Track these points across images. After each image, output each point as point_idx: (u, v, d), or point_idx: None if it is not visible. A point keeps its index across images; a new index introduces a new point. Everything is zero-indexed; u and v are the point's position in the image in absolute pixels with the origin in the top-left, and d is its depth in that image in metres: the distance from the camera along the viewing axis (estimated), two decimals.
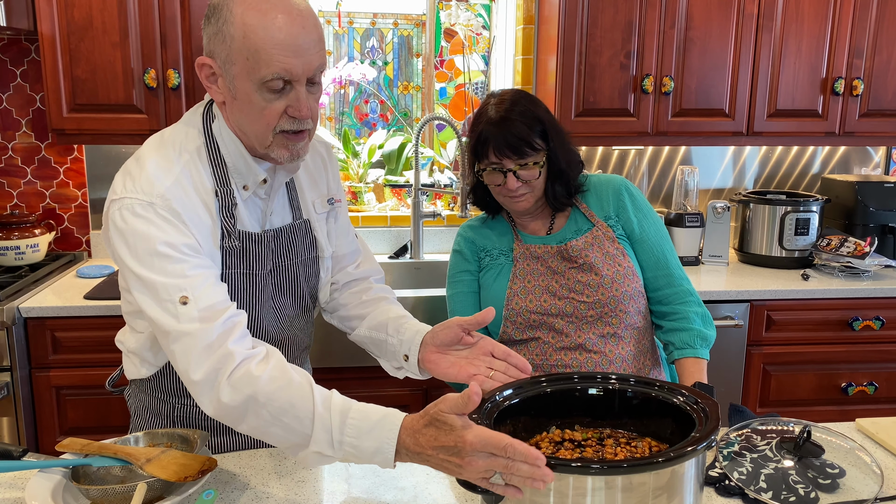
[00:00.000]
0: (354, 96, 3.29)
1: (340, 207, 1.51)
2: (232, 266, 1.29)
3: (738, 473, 1.27)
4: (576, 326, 1.57)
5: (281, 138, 1.23)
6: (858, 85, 2.72)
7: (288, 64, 1.15)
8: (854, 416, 2.62)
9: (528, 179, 1.56)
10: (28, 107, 2.74)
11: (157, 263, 1.17)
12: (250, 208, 1.32)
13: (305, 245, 1.42)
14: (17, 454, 1.20)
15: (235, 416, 1.12)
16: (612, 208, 1.65)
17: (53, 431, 2.32)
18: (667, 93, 2.65)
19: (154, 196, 1.19)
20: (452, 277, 1.71)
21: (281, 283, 1.40)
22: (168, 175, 1.22)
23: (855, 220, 2.87)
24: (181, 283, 1.16)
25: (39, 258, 2.63)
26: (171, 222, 1.19)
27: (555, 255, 1.60)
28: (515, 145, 1.52)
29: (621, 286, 1.57)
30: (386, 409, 1.10)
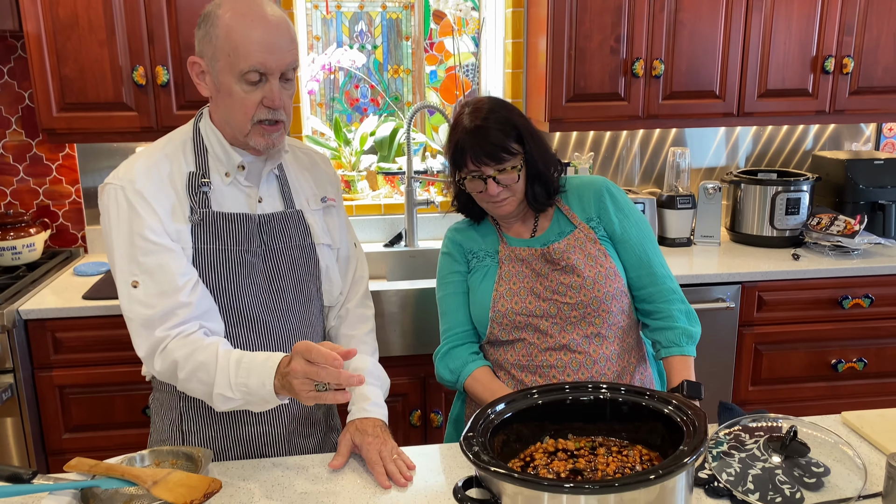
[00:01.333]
0: (344, 81, 3.28)
1: (336, 208, 1.64)
2: (207, 242, 1.43)
3: (726, 474, 1.31)
4: (560, 327, 1.60)
5: (258, 128, 1.41)
6: (848, 63, 2.72)
7: (263, 58, 1.35)
8: (844, 391, 2.69)
9: (508, 184, 1.58)
10: (17, 104, 2.72)
11: (122, 247, 1.39)
12: (235, 194, 1.48)
13: (300, 232, 1.53)
14: (26, 477, 1.24)
15: (171, 378, 1.39)
16: (594, 210, 1.67)
17: (59, 430, 2.37)
18: (657, 76, 2.65)
19: (125, 181, 1.40)
20: (443, 279, 1.73)
21: (277, 266, 1.50)
22: (145, 162, 1.43)
23: (845, 197, 2.89)
24: (134, 269, 1.38)
25: (36, 257, 2.64)
26: (134, 206, 1.38)
27: (538, 258, 1.63)
28: (492, 152, 1.55)
29: (603, 287, 1.60)
30: (270, 354, 1.31)
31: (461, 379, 1.65)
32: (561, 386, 1.27)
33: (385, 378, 1.61)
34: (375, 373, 1.58)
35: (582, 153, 3.05)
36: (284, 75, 1.39)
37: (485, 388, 1.61)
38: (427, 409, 2.51)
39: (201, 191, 1.44)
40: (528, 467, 1.19)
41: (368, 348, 1.63)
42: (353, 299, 1.66)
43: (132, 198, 1.39)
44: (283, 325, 1.51)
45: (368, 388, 1.53)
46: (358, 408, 1.50)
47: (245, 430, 1.52)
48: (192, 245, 1.43)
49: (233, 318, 1.47)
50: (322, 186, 1.62)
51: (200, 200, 1.43)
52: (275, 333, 1.50)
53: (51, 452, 2.39)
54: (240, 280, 1.46)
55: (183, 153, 1.46)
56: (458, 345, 1.68)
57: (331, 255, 1.60)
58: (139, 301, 1.38)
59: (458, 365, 1.66)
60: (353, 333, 1.63)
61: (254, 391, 1.29)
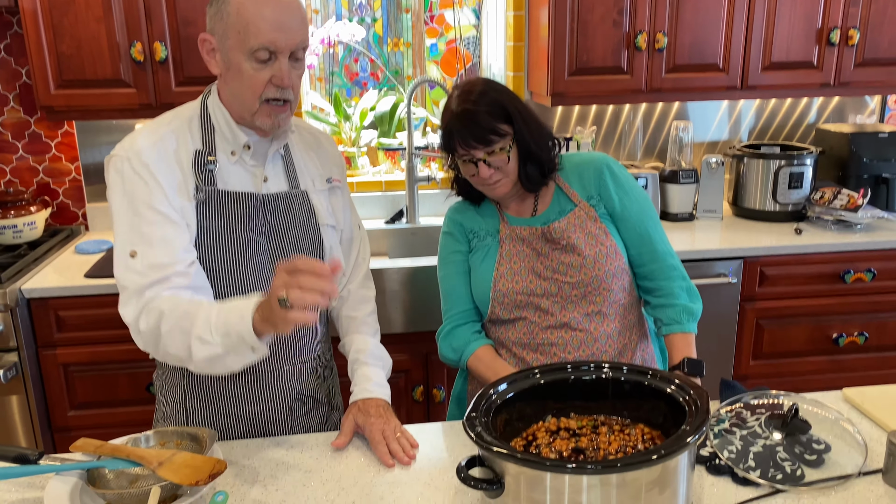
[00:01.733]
0: (343, 55, 3.25)
1: (340, 189, 1.64)
2: (211, 220, 1.43)
3: (727, 452, 1.32)
4: (561, 306, 1.61)
5: (266, 107, 1.40)
6: (854, 34, 2.68)
7: (273, 37, 1.34)
8: (845, 365, 2.70)
9: (499, 165, 1.57)
10: (14, 81, 2.70)
11: (125, 217, 1.38)
12: (240, 173, 1.48)
13: (304, 212, 1.53)
14: (33, 458, 1.25)
15: (154, 338, 1.33)
16: (594, 187, 1.66)
17: (64, 407, 2.38)
18: (660, 49, 2.62)
19: (131, 152, 1.39)
20: (444, 259, 1.73)
21: (281, 246, 1.50)
22: (151, 136, 1.42)
23: (849, 171, 2.87)
24: (134, 239, 1.37)
25: (37, 235, 2.64)
26: (139, 176, 1.38)
27: (539, 237, 1.63)
28: (479, 135, 1.54)
29: (604, 265, 1.59)
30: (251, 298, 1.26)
31: (464, 358, 1.66)
32: (563, 365, 1.28)
33: (387, 358, 1.61)
34: (377, 353, 1.58)
35: (584, 127, 3.03)
36: (294, 55, 1.39)
37: (487, 367, 1.61)
38: (429, 384, 2.52)
39: (207, 169, 1.43)
40: (531, 446, 1.20)
41: (370, 329, 1.64)
42: (355, 280, 1.67)
43: (139, 169, 1.38)
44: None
45: (370, 369, 1.53)
46: (360, 388, 1.51)
47: (247, 408, 1.53)
48: (195, 222, 1.42)
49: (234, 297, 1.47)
50: (327, 167, 1.61)
51: (206, 178, 1.43)
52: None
53: (56, 430, 2.41)
54: (243, 259, 1.46)
55: (189, 130, 1.45)
56: (461, 324, 1.69)
57: (335, 236, 1.60)
58: (136, 270, 1.35)
59: (460, 344, 1.67)
60: (354, 315, 1.63)
61: (232, 328, 1.23)
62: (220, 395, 1.52)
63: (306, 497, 1.25)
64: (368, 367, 1.54)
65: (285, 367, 1.54)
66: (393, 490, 1.27)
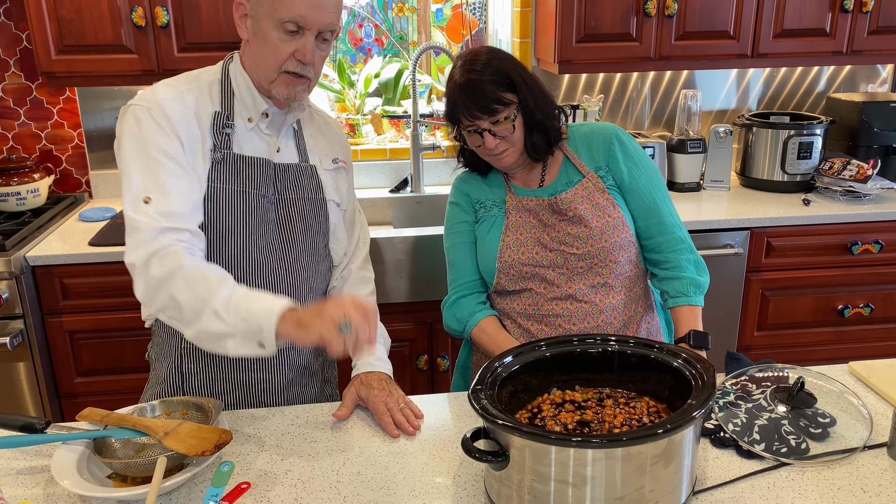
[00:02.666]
0: (348, 21, 3.20)
1: (347, 170, 1.66)
2: (224, 181, 1.43)
3: (732, 425, 1.32)
4: (567, 277, 1.60)
5: (285, 77, 1.42)
6: (869, 1, 2.63)
7: (304, 12, 1.35)
8: (849, 336, 2.70)
9: (504, 135, 1.55)
10: (14, 46, 2.67)
11: (139, 161, 1.35)
12: (255, 140, 1.49)
13: (312, 186, 1.55)
14: (40, 427, 1.25)
15: (161, 286, 1.27)
16: (603, 158, 1.64)
17: (71, 374, 2.40)
18: (670, 16, 2.57)
19: (152, 103, 1.39)
20: (451, 229, 1.72)
21: (289, 215, 1.51)
22: (171, 91, 1.43)
23: (859, 141, 2.84)
24: (150, 185, 1.34)
25: (41, 202, 2.63)
26: (160, 126, 1.37)
27: (546, 208, 1.61)
28: (483, 104, 1.52)
29: (611, 237, 1.58)
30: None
31: (468, 328, 1.66)
32: (569, 338, 1.27)
33: (386, 336, 1.64)
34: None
35: (591, 96, 2.99)
36: (321, 35, 1.40)
37: (490, 340, 1.61)
38: (434, 353, 2.53)
39: (224, 132, 1.45)
40: (536, 418, 1.20)
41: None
42: (356, 261, 1.68)
43: (159, 119, 1.37)
44: (291, 274, 1.51)
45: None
46: (363, 362, 1.51)
47: (246, 375, 1.53)
48: (206, 183, 1.42)
49: (242, 263, 1.47)
50: (334, 148, 1.63)
51: (223, 141, 1.45)
52: (282, 282, 1.50)
53: (63, 396, 2.43)
54: (253, 224, 1.46)
55: (209, 93, 1.47)
56: (466, 294, 1.68)
57: (339, 213, 1.61)
58: (149, 215, 1.31)
59: (465, 315, 1.66)
60: (355, 292, 1.63)
61: (253, 317, 1.20)
62: (220, 361, 1.51)
63: (312, 467, 1.26)
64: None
65: None
66: (398, 460, 1.28)
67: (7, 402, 2.34)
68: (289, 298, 1.25)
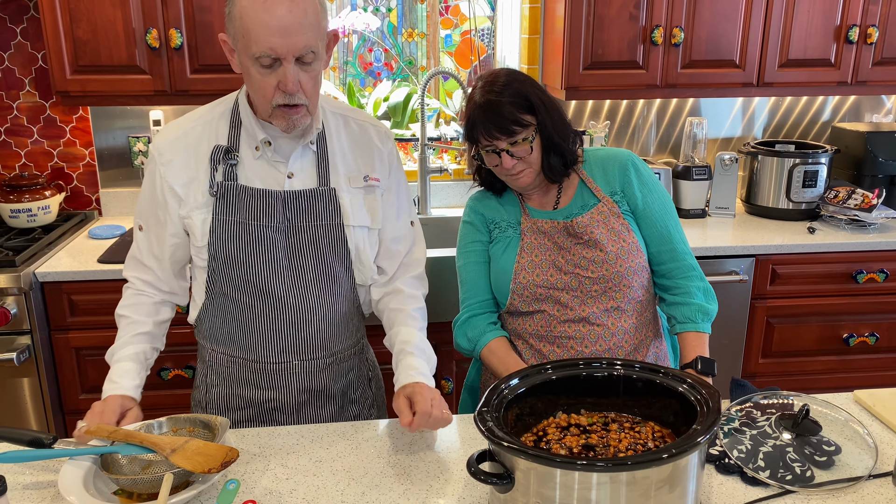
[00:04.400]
0: (358, 45, 3.24)
1: (381, 189, 1.57)
2: (227, 213, 1.46)
3: (737, 451, 1.32)
4: (580, 300, 1.61)
5: (279, 110, 1.38)
6: (873, 32, 2.66)
7: (272, 43, 1.30)
8: (854, 365, 2.69)
9: (522, 156, 1.57)
10: (30, 65, 2.71)
11: (143, 197, 1.53)
12: (264, 168, 1.47)
13: (329, 211, 1.50)
14: (47, 442, 1.26)
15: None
16: (618, 183, 1.66)
17: (76, 390, 2.40)
18: (676, 44, 2.60)
19: (156, 148, 1.49)
20: (464, 248, 1.73)
21: (301, 243, 1.49)
22: (177, 129, 1.50)
23: (864, 170, 2.85)
24: (142, 217, 1.54)
25: (51, 219, 2.65)
26: (156, 173, 1.48)
27: (561, 231, 1.62)
28: (502, 125, 1.53)
29: (625, 262, 1.59)
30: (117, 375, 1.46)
31: (478, 348, 1.67)
32: (575, 361, 1.28)
33: (431, 353, 1.54)
34: (422, 346, 1.53)
35: (598, 122, 3.02)
36: (301, 59, 1.34)
37: (500, 362, 1.61)
38: (438, 375, 2.53)
39: (228, 163, 1.45)
40: (541, 442, 1.21)
41: (417, 322, 1.57)
42: (403, 277, 1.61)
43: (160, 162, 1.47)
44: (300, 301, 1.50)
45: (416, 360, 1.48)
46: (405, 374, 1.45)
47: (259, 393, 1.56)
48: (212, 215, 1.45)
49: (248, 291, 1.49)
50: (369, 163, 1.55)
51: (227, 173, 1.45)
52: (292, 308, 1.50)
53: (68, 412, 2.43)
54: (257, 255, 1.46)
55: (217, 125, 1.48)
56: (478, 314, 1.69)
57: (366, 236, 1.54)
58: (141, 240, 1.55)
59: (475, 334, 1.67)
60: (402, 307, 1.58)
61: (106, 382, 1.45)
62: (237, 377, 1.56)
63: (317, 486, 1.26)
64: (414, 357, 1.49)
65: (294, 361, 1.55)
66: (403, 481, 1.28)
67: (11, 417, 2.35)
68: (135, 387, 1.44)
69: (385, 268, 1.61)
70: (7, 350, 2.26)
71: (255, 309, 1.50)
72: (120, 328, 1.54)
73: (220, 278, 1.49)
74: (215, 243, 1.46)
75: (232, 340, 1.55)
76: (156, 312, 1.56)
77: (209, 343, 1.59)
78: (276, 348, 1.53)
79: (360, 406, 1.68)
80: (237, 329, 1.53)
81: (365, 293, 1.61)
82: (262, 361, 1.54)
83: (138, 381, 1.45)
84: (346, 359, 1.62)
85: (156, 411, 1.47)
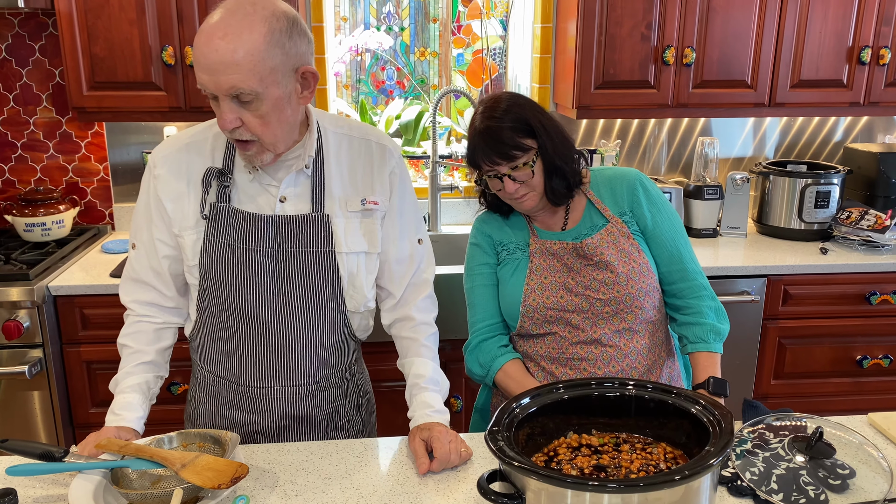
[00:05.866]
0: (371, 63, 3.27)
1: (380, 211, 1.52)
2: (218, 235, 1.45)
3: (749, 473, 1.30)
4: (591, 322, 1.60)
5: (237, 144, 1.38)
6: (886, 54, 2.66)
7: (201, 79, 1.30)
8: (868, 388, 2.67)
9: (524, 180, 1.57)
10: (48, 81, 2.75)
11: (137, 212, 1.52)
12: (258, 191, 1.45)
13: (321, 238, 1.46)
14: (58, 455, 1.26)
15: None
16: (627, 203, 1.65)
17: (86, 404, 2.41)
18: (688, 64, 2.61)
19: (153, 159, 1.49)
20: (471, 270, 1.72)
21: (290, 268, 1.46)
22: (175, 143, 1.49)
23: (877, 191, 2.84)
24: (136, 235, 1.52)
25: (65, 233, 2.68)
26: (149, 184, 1.48)
27: (570, 252, 1.62)
28: (502, 151, 1.54)
29: (636, 283, 1.58)
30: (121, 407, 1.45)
31: (491, 373, 1.65)
32: (587, 381, 1.27)
33: (444, 382, 1.54)
34: (436, 378, 1.52)
35: (609, 140, 3.03)
36: (239, 98, 1.29)
37: (518, 385, 1.60)
38: (448, 394, 2.51)
39: (222, 185, 1.44)
40: (552, 462, 1.20)
41: (430, 353, 1.56)
42: (413, 302, 1.58)
43: (156, 174, 1.47)
44: (286, 326, 1.48)
45: (430, 395, 1.49)
46: (421, 413, 1.46)
47: (241, 415, 1.55)
48: (203, 235, 1.44)
49: (234, 313, 1.47)
50: (368, 185, 1.51)
51: (220, 195, 1.44)
52: (277, 333, 1.48)
53: (78, 426, 2.43)
54: (245, 278, 1.44)
55: (213, 146, 1.47)
56: (488, 338, 1.67)
57: (362, 261, 1.51)
58: (133, 259, 1.53)
59: (487, 359, 1.66)
60: (415, 337, 1.56)
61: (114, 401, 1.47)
62: (220, 397, 1.55)
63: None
64: (428, 392, 1.49)
65: (276, 386, 1.52)
66: (412, 500, 1.27)
67: (21, 430, 2.36)
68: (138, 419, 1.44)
69: (392, 290, 1.58)
70: (19, 363, 2.27)
71: (240, 332, 1.49)
72: (123, 357, 1.52)
73: (210, 299, 1.48)
74: (206, 264, 1.45)
75: (217, 360, 1.53)
76: (157, 340, 1.53)
77: (199, 360, 1.59)
78: (257, 372, 1.51)
79: (346, 433, 1.63)
80: (222, 350, 1.52)
81: (360, 319, 1.58)
82: (244, 384, 1.52)
83: (141, 413, 1.45)
84: (334, 386, 1.59)
85: (166, 426, 1.47)
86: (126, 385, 1.46)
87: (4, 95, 2.74)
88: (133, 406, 1.44)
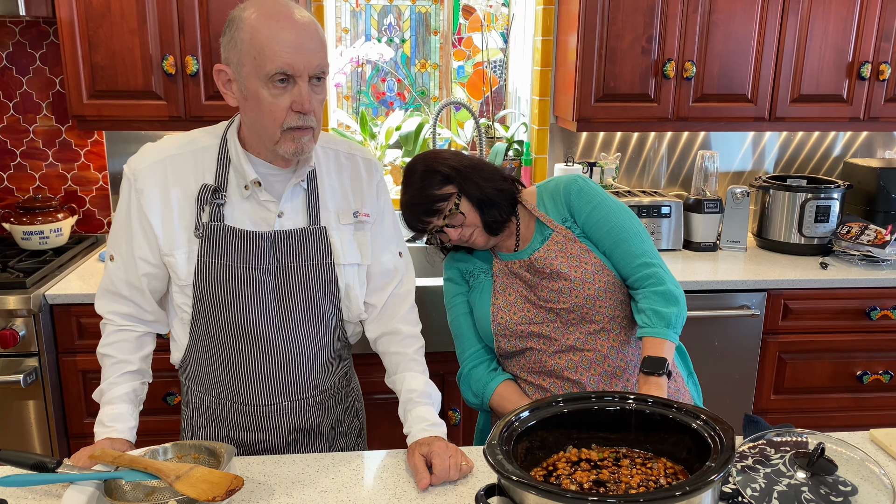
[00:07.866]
0: (371, 74, 3.27)
1: (371, 223, 1.54)
2: (212, 255, 1.41)
3: (751, 489, 1.29)
4: (562, 330, 1.62)
5: (288, 134, 1.35)
6: (885, 69, 2.66)
7: (290, 59, 1.29)
8: (868, 403, 2.65)
9: (460, 224, 1.64)
10: (48, 90, 2.75)
11: (116, 223, 1.47)
12: (253, 208, 1.43)
13: (319, 250, 1.47)
14: (51, 466, 1.25)
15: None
16: (566, 208, 1.68)
17: (81, 414, 2.39)
18: (688, 78, 2.61)
19: (133, 171, 1.43)
20: (449, 303, 1.78)
21: (290, 283, 1.45)
22: (158, 154, 1.43)
23: (877, 206, 2.84)
24: (114, 246, 1.47)
25: (63, 242, 2.67)
26: (131, 197, 1.43)
27: (526, 269, 1.66)
28: (427, 209, 1.63)
29: (592, 284, 1.60)
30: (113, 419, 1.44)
31: (485, 400, 1.69)
32: (587, 395, 1.26)
33: (437, 394, 1.54)
34: (428, 391, 1.52)
35: (608, 153, 3.02)
36: (313, 77, 1.33)
37: (513, 405, 1.61)
38: (445, 406, 2.50)
39: (215, 203, 1.41)
40: (551, 476, 1.18)
41: (419, 367, 1.56)
42: (398, 315, 1.58)
43: (136, 187, 1.42)
44: (288, 342, 1.47)
45: (424, 409, 1.48)
46: (418, 429, 1.45)
47: (249, 435, 1.53)
48: (198, 255, 1.41)
49: (235, 334, 1.45)
50: (358, 198, 1.53)
51: (213, 213, 1.41)
52: (280, 349, 1.47)
53: (73, 436, 2.41)
54: (244, 296, 1.43)
55: (202, 160, 1.43)
56: (476, 365, 1.71)
57: (355, 273, 1.52)
58: (111, 271, 1.49)
59: (479, 387, 1.69)
60: (404, 351, 1.56)
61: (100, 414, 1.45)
62: (225, 419, 1.52)
63: None
64: (423, 406, 1.49)
65: (284, 402, 1.51)
66: None
67: (15, 440, 2.34)
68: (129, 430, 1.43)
69: (373, 302, 1.57)
70: (14, 372, 2.26)
71: (243, 351, 1.47)
72: (105, 368, 1.49)
73: (205, 320, 1.45)
74: (201, 286, 1.42)
75: (218, 382, 1.50)
76: (139, 348, 1.51)
77: (195, 385, 1.54)
78: (264, 390, 1.49)
79: (347, 438, 1.65)
80: (224, 371, 1.49)
81: (353, 326, 1.59)
82: (251, 404, 1.50)
83: (133, 423, 1.44)
84: (336, 393, 1.60)
85: (160, 437, 1.46)
86: (113, 395, 1.44)
87: (4, 103, 2.74)
88: (123, 417, 1.42)
